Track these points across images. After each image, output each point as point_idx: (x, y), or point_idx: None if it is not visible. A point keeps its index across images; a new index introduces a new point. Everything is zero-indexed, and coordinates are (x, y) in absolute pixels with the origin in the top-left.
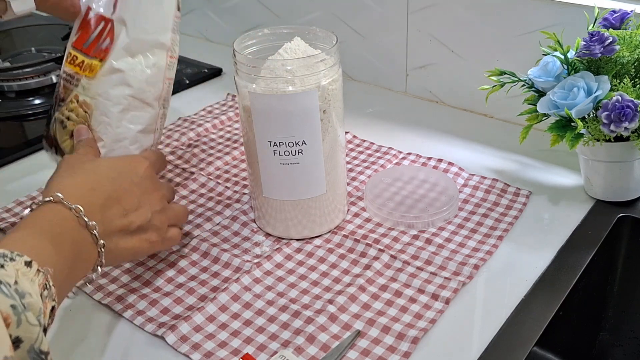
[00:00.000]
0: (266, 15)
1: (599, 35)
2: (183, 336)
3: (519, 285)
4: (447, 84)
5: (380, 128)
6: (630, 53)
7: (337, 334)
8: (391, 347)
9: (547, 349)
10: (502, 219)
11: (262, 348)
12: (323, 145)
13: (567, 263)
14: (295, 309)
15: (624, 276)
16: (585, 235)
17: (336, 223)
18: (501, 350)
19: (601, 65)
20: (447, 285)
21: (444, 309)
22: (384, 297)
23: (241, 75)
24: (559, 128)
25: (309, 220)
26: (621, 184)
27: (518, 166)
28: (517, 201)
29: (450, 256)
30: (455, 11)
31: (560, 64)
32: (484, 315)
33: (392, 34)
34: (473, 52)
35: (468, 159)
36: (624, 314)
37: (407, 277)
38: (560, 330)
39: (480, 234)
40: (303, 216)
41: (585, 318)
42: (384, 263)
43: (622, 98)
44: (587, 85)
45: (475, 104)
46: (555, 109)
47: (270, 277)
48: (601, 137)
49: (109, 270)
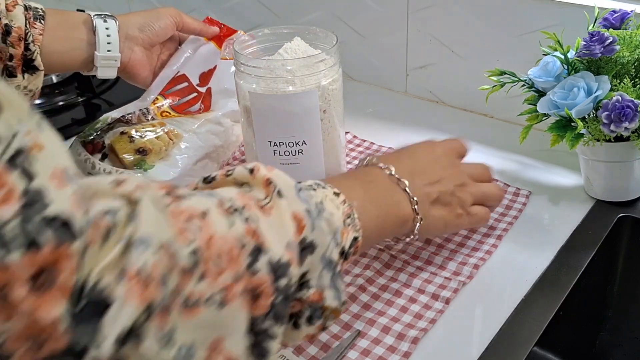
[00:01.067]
0: (266, 15)
1: (599, 35)
2: None
3: (519, 285)
4: (447, 83)
5: (380, 128)
6: (630, 53)
7: (337, 334)
8: (391, 347)
9: (547, 349)
10: (502, 219)
11: None
12: (323, 146)
13: (567, 263)
14: None
15: (624, 276)
16: (586, 236)
17: None
18: (501, 350)
19: (601, 65)
20: (447, 285)
21: (444, 309)
22: (384, 297)
23: (241, 75)
24: (559, 128)
25: None
26: (621, 184)
27: (518, 166)
28: (517, 201)
29: (450, 256)
30: (455, 11)
31: (560, 64)
32: (484, 315)
33: (393, 34)
34: (473, 52)
35: (468, 158)
36: (624, 314)
37: (407, 277)
38: (561, 330)
39: (480, 234)
40: None
41: (585, 318)
42: (384, 263)
43: (622, 98)
44: (587, 85)
45: (475, 104)
46: (555, 109)
47: None
48: (601, 137)
49: None
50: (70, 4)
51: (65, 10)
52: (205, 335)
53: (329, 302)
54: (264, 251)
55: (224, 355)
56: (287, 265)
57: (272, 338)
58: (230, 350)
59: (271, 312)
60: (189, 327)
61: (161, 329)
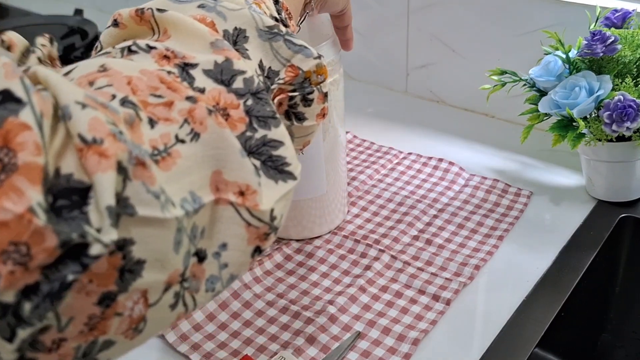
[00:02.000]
0: None
1: (600, 35)
2: (183, 334)
3: (520, 286)
4: (448, 83)
5: (380, 128)
6: (632, 52)
7: (337, 335)
8: (392, 348)
9: (549, 350)
10: (503, 219)
11: (261, 349)
12: (323, 145)
13: (568, 264)
14: (295, 310)
15: (626, 277)
16: (587, 236)
17: (336, 224)
18: (502, 351)
19: (603, 65)
20: (447, 286)
21: (445, 310)
22: (385, 298)
23: None
24: (561, 128)
25: (308, 221)
26: (623, 184)
27: (519, 166)
28: (518, 201)
29: (451, 257)
30: (456, 10)
31: (561, 64)
32: (485, 316)
33: (393, 34)
34: (474, 52)
35: (469, 159)
36: (626, 315)
37: (408, 278)
38: (562, 331)
39: (481, 235)
40: (303, 216)
41: (587, 319)
42: (384, 264)
43: (624, 98)
44: (589, 85)
45: (476, 104)
46: (556, 108)
47: (270, 277)
48: (603, 137)
49: None
50: (69, 3)
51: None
52: (199, 177)
53: (303, 65)
54: (192, 65)
55: (232, 187)
56: (228, 64)
57: (275, 147)
58: (236, 179)
59: (253, 120)
60: (176, 176)
61: (148, 187)
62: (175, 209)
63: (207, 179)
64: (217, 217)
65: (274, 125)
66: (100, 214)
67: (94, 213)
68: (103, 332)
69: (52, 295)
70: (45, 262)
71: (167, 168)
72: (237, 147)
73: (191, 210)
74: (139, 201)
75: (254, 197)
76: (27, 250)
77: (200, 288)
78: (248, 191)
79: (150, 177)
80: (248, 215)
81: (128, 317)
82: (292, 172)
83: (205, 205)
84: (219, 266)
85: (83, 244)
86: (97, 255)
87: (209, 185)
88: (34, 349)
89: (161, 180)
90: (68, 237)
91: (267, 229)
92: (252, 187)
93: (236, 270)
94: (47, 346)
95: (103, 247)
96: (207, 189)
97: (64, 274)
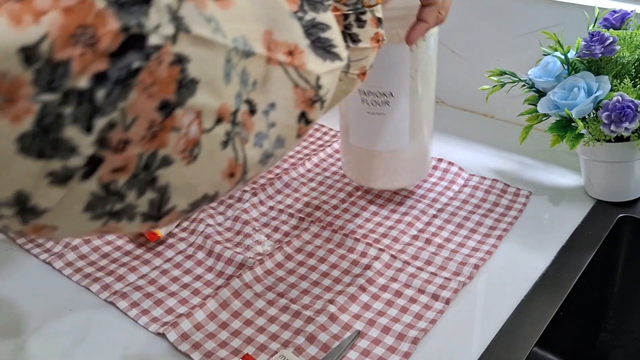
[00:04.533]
0: None
1: (599, 36)
2: (184, 333)
3: (519, 286)
4: (448, 83)
5: None
6: (630, 53)
7: (337, 334)
8: (391, 347)
9: (548, 350)
10: (502, 219)
11: (262, 348)
12: (410, 101)
13: (567, 263)
14: (295, 309)
15: (624, 276)
16: (586, 236)
17: (420, 178)
18: (501, 350)
19: (602, 66)
20: (447, 286)
21: (444, 309)
22: (384, 298)
23: None
24: (560, 128)
25: (393, 172)
26: (622, 184)
27: (518, 166)
28: (517, 201)
29: (451, 256)
30: (455, 11)
31: (560, 64)
32: (484, 316)
33: None
34: (473, 52)
35: (468, 159)
36: (624, 314)
37: (408, 277)
38: (561, 331)
39: (480, 234)
40: (386, 168)
41: (585, 319)
42: (384, 263)
43: (623, 98)
44: (588, 86)
45: (475, 104)
46: (555, 109)
47: (271, 276)
48: (602, 138)
49: (114, 268)
50: None
51: None
52: (252, 28)
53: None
54: None
55: (282, 47)
56: None
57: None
58: (285, 39)
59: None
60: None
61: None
62: (226, 40)
63: (260, 35)
64: (268, 76)
65: (323, 10)
66: (159, 13)
67: (154, 12)
68: (162, 144)
69: (121, 82)
70: (110, 47)
71: (224, 6)
72: (287, 10)
73: (240, 49)
74: (192, 20)
75: (301, 57)
76: (94, 32)
77: (249, 139)
78: (296, 51)
79: (202, 2)
80: (295, 75)
81: (184, 136)
82: (338, 54)
83: (256, 55)
84: (267, 124)
85: (143, 36)
86: (156, 46)
87: (261, 40)
88: (102, 147)
89: (216, 14)
90: (128, 22)
91: (313, 95)
92: (300, 47)
93: (283, 132)
94: (113, 145)
95: (161, 38)
96: (260, 43)
97: (130, 61)
